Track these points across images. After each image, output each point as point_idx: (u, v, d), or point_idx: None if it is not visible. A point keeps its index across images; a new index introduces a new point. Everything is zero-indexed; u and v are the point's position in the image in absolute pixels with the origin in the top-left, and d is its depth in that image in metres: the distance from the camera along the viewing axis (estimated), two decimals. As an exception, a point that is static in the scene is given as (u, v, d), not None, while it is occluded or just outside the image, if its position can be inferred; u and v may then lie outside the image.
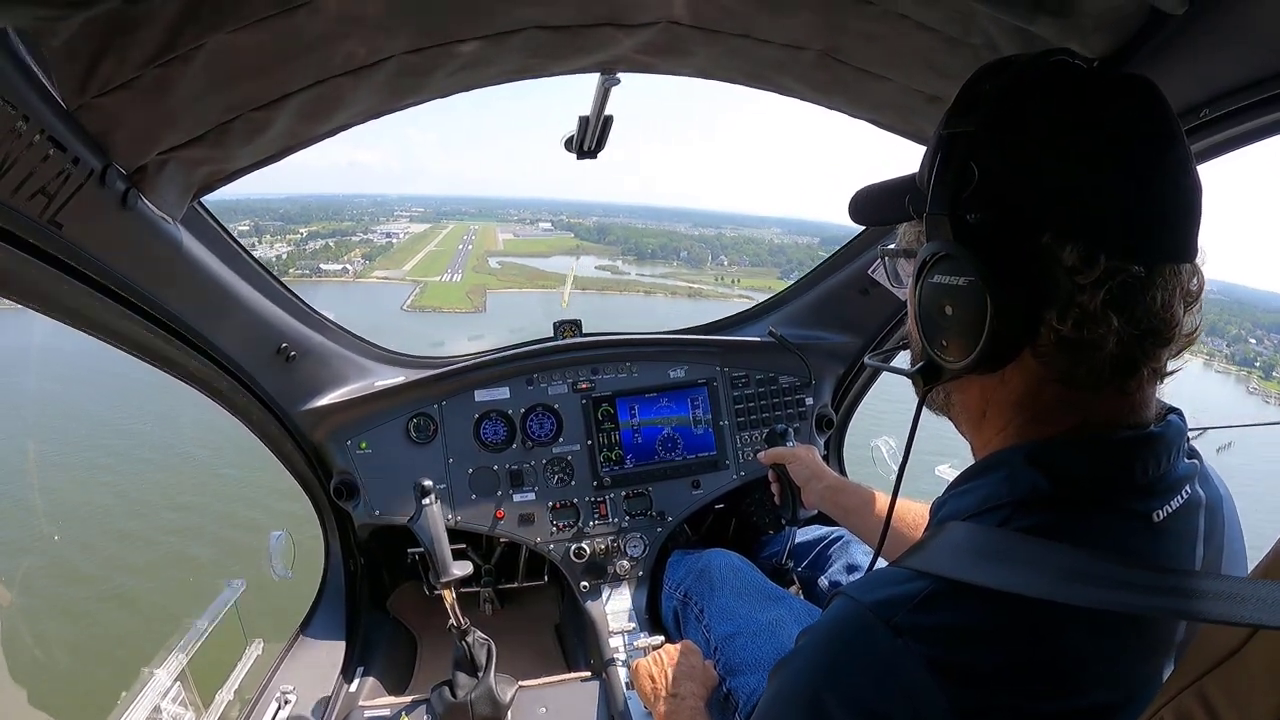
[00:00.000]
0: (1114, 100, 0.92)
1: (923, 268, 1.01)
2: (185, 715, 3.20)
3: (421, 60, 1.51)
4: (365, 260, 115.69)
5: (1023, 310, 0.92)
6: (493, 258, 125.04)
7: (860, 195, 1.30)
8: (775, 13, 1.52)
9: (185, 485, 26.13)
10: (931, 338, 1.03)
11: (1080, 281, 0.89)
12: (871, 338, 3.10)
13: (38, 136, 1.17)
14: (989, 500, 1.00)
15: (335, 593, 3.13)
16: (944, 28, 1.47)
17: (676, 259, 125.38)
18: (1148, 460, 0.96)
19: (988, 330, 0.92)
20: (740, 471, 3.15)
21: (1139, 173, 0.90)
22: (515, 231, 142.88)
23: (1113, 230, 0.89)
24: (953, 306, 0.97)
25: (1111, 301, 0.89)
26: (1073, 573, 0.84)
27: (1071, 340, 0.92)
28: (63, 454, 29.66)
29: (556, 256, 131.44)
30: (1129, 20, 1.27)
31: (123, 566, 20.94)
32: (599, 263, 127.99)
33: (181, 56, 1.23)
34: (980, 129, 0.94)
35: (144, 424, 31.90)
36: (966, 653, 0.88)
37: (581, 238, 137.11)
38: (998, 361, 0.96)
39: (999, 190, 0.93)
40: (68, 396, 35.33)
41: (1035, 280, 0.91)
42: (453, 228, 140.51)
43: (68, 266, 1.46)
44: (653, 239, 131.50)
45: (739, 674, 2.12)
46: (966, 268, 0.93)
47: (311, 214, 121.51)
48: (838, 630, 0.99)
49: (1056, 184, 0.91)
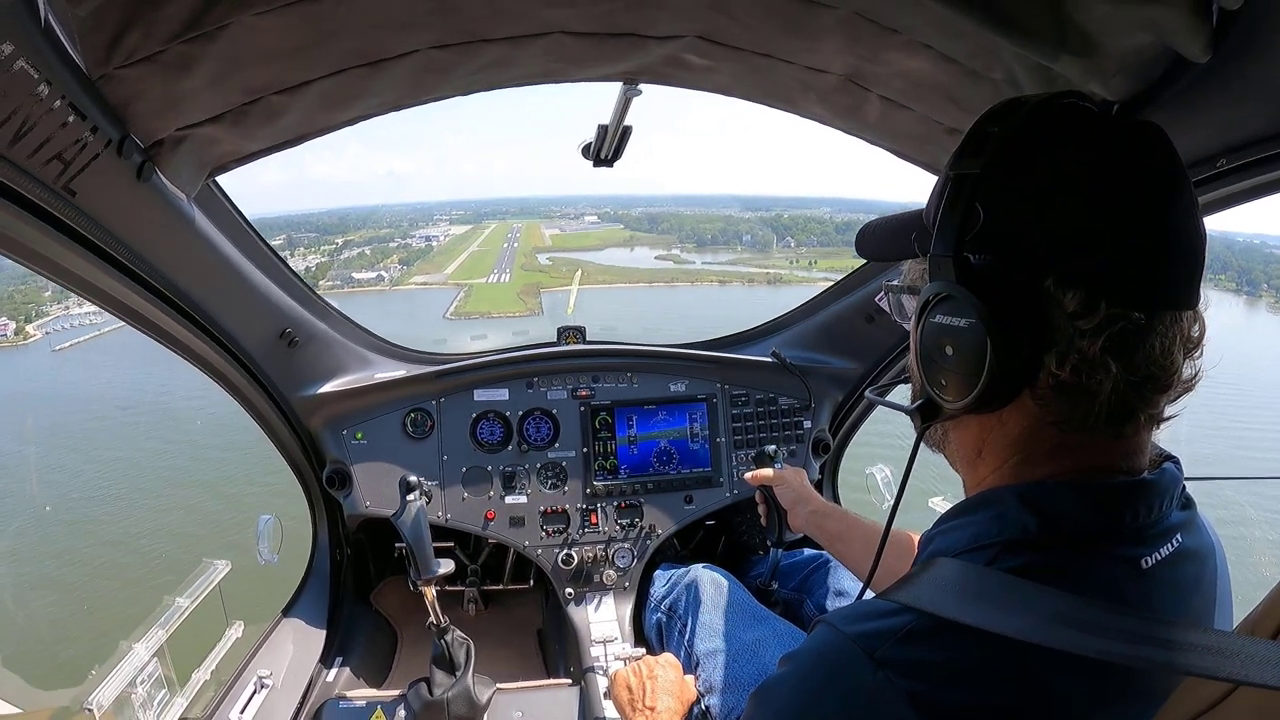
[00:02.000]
0: (1122, 147, 0.92)
1: (925, 307, 1.01)
2: (160, 692, 3.19)
3: (446, 57, 1.51)
4: (403, 266, 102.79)
5: (1023, 353, 0.92)
6: (541, 254, 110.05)
7: (868, 230, 1.30)
8: (799, 35, 1.53)
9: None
10: (931, 376, 1.03)
11: (1081, 327, 0.89)
12: (874, 365, 3.10)
13: (58, 102, 1.17)
14: (978, 539, 1.00)
15: (320, 581, 3.13)
16: (967, 61, 1.48)
17: (740, 244, 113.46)
18: (1139, 506, 0.96)
19: (987, 372, 0.92)
20: (733, 489, 3.14)
21: (1144, 220, 0.90)
22: (561, 227, 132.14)
23: (1115, 277, 0.89)
24: (953, 347, 0.97)
25: (1111, 348, 0.89)
26: (1059, 617, 0.83)
27: (1069, 385, 0.91)
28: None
29: (610, 249, 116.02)
30: (1151, 65, 1.27)
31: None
32: (657, 253, 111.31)
33: (207, 35, 1.23)
34: (986, 171, 0.94)
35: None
36: (948, 690, 0.88)
37: (631, 228, 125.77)
38: (996, 403, 0.96)
39: (1003, 232, 0.93)
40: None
41: (1036, 324, 0.91)
42: (495, 227, 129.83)
43: (78, 235, 1.46)
44: (708, 225, 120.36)
45: (718, 692, 2.10)
46: (968, 309, 0.93)
47: (349, 225, 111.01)
48: (819, 659, 0.99)
49: (1061, 228, 0.90)
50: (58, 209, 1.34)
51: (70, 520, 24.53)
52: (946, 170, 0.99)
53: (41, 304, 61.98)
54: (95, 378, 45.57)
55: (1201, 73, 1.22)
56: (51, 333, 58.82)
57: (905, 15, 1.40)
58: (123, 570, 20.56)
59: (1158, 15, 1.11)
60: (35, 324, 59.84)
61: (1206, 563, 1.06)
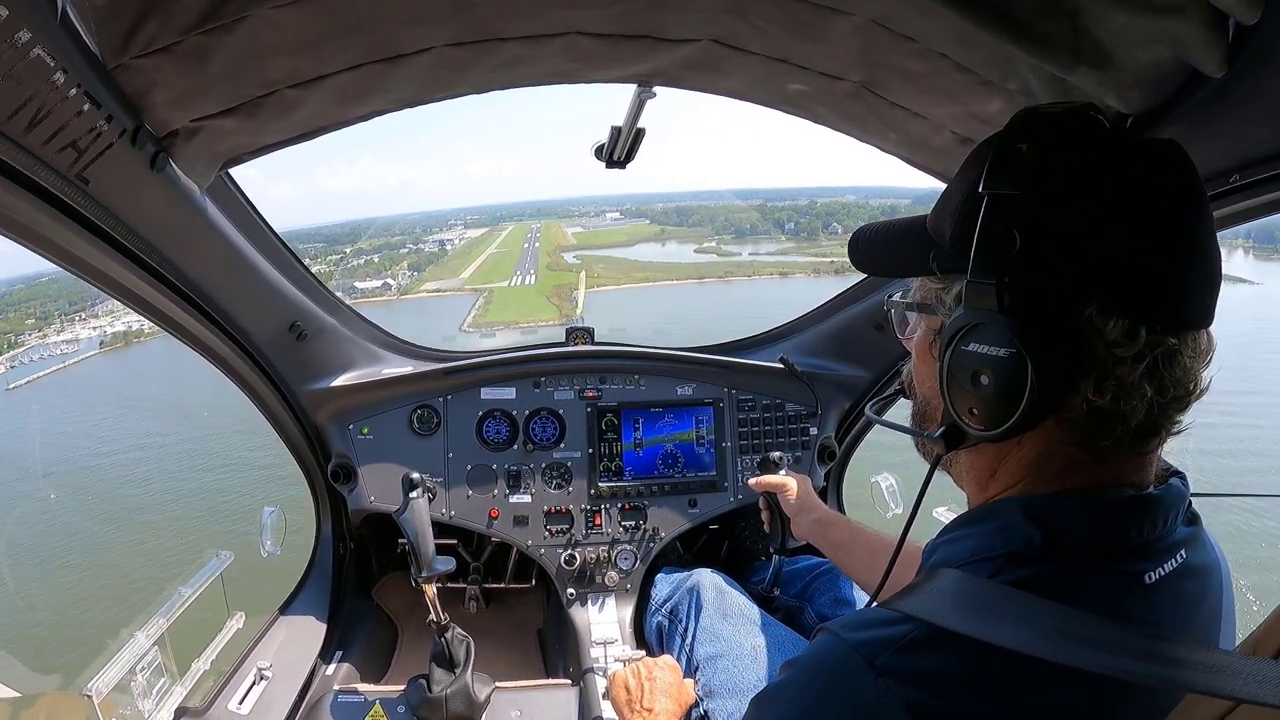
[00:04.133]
0: (1152, 169, 0.92)
1: (956, 334, 0.99)
2: (160, 681, 3.19)
3: (462, 54, 1.52)
4: (413, 272, 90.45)
5: (1060, 382, 0.91)
6: (567, 252, 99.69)
7: (862, 239, 1.28)
8: (815, 41, 1.53)
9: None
10: (958, 404, 1.01)
11: (1120, 354, 0.88)
12: (882, 374, 3.10)
13: (74, 91, 1.17)
14: (981, 550, 1.00)
15: (322, 574, 3.13)
16: (982, 71, 1.47)
17: (782, 232, 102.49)
18: (1143, 521, 0.96)
19: (1026, 402, 0.91)
20: (738, 494, 3.14)
21: (1176, 241, 0.90)
22: (583, 225, 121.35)
23: (1153, 302, 0.89)
24: (989, 377, 0.95)
25: (1149, 374, 0.89)
26: (1061, 631, 0.83)
27: (1105, 411, 0.91)
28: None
29: (641, 245, 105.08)
30: (1167, 79, 1.26)
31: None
32: (696, 247, 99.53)
33: (224, 26, 1.23)
34: (1024, 194, 0.92)
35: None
36: (948, 699, 0.88)
37: (658, 223, 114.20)
38: (1025, 429, 0.95)
39: (1044, 258, 0.92)
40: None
41: (1075, 351, 0.90)
42: (513, 228, 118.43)
43: (90, 223, 1.47)
44: (742, 215, 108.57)
45: (719, 696, 2.10)
46: (1008, 338, 0.92)
47: (359, 235, 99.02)
48: (820, 667, 0.99)
49: (1100, 254, 0.90)
50: (71, 197, 1.35)
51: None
52: (978, 188, 0.96)
53: (22, 331, 60.53)
54: (26, 426, 39.09)
55: (1217, 87, 1.21)
56: (15, 366, 55.58)
57: (921, 24, 1.40)
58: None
59: (1174, 29, 1.10)
60: (6, 355, 57.62)
61: (1210, 578, 1.06)
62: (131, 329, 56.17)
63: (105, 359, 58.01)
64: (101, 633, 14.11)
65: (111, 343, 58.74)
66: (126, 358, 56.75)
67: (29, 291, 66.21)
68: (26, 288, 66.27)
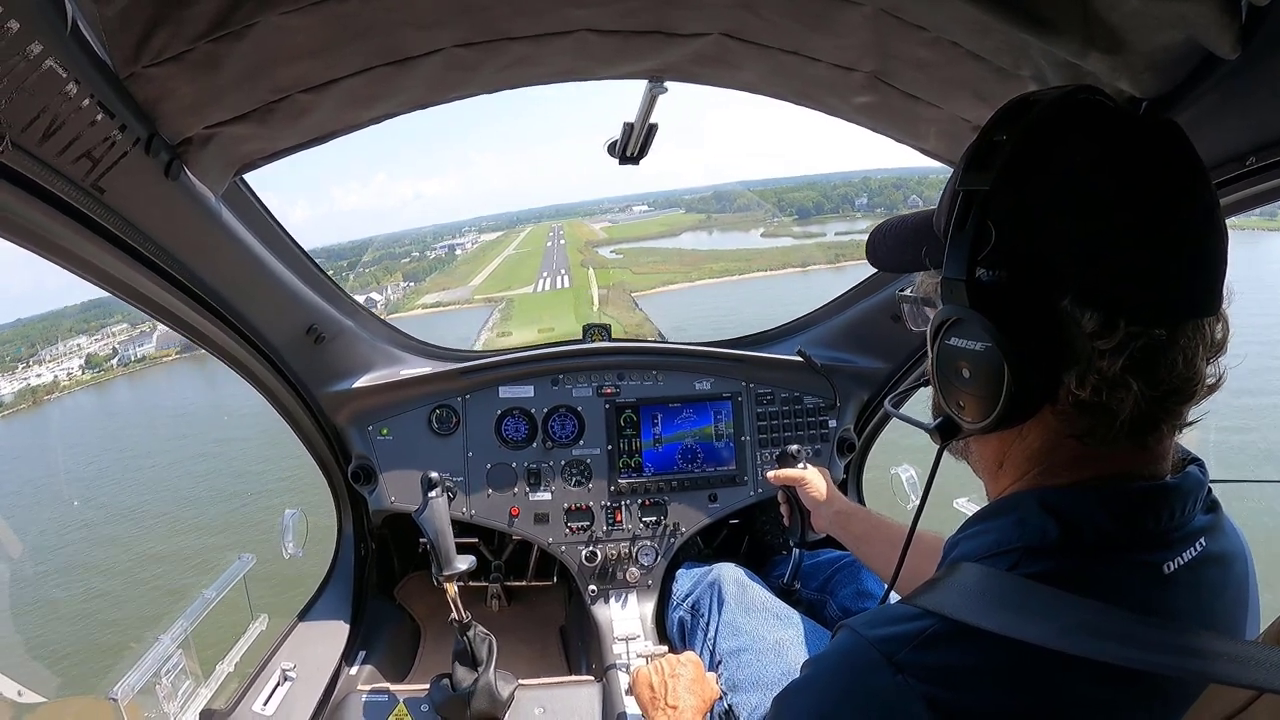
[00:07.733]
0: (1136, 153, 0.91)
1: (940, 329, 1.00)
2: (185, 683, 3.23)
3: (471, 55, 1.52)
4: (408, 283, 71.86)
5: (1041, 374, 0.91)
6: (601, 248, 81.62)
7: (879, 235, 1.30)
8: (826, 32, 1.52)
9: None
10: (949, 396, 1.02)
11: (1100, 347, 0.88)
12: (900, 365, 3.07)
13: (87, 101, 1.18)
14: (999, 544, 1.00)
15: (344, 575, 3.15)
16: (995, 58, 1.46)
17: (853, 209, 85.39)
18: (1160, 511, 0.95)
19: (1004, 395, 0.91)
20: (758, 488, 3.13)
21: (1162, 230, 0.88)
22: (611, 219, 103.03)
23: (1134, 293, 0.88)
24: (970, 370, 0.96)
25: (1131, 367, 0.88)
26: (1079, 624, 0.84)
27: (1090, 403, 0.91)
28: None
29: (686, 234, 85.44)
30: (1181, 62, 1.25)
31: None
32: (764, 230, 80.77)
33: (234, 34, 1.24)
34: (996, 187, 0.92)
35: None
36: (967, 694, 0.88)
37: (697, 210, 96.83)
38: (1015, 421, 0.95)
39: (1017, 251, 0.92)
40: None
41: (1054, 344, 0.90)
42: (531, 229, 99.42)
43: (106, 231, 1.48)
44: (797, 194, 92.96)
45: (742, 691, 2.10)
46: (982, 333, 0.92)
47: (364, 250, 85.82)
48: (840, 664, 1.00)
49: (1075, 246, 0.89)
50: (87, 206, 1.36)
51: None
52: (954, 184, 0.98)
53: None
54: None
55: (1231, 69, 1.20)
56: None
57: (932, 12, 1.39)
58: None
59: (1187, 11, 1.09)
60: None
61: (1233, 566, 1.05)
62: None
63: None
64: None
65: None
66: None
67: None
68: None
